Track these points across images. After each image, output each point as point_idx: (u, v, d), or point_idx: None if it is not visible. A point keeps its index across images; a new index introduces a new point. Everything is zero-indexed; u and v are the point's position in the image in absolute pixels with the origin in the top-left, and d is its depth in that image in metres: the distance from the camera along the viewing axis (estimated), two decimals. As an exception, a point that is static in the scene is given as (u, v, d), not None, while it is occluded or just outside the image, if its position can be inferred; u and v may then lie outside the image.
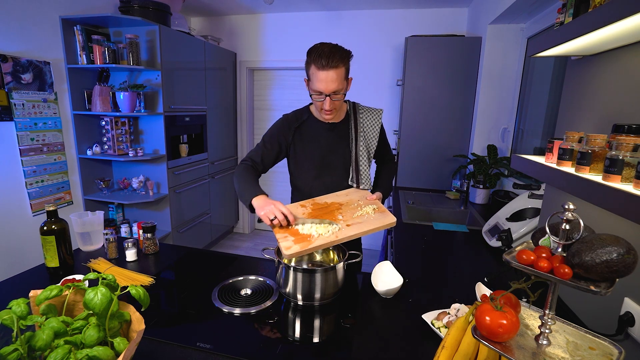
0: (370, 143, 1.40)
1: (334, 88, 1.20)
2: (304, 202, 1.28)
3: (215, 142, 3.50)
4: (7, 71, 2.08)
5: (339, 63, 1.18)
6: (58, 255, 1.20)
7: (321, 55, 1.17)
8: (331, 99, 1.23)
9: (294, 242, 1.04)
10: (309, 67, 1.23)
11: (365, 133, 1.40)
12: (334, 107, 1.27)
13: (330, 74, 1.18)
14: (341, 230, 1.10)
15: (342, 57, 1.19)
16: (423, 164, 2.93)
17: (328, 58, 1.16)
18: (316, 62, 1.18)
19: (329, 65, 1.17)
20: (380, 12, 3.33)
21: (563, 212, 0.61)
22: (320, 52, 1.18)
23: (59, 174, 2.48)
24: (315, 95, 1.25)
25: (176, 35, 2.76)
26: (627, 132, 0.78)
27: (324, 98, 1.23)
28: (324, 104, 1.24)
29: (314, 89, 1.23)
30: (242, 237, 4.07)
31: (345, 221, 1.15)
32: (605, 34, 0.80)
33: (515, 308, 0.68)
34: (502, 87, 2.63)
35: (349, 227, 1.12)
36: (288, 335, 0.95)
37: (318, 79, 1.20)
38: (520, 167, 1.16)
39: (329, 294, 1.08)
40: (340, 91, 1.23)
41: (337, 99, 1.24)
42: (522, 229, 1.48)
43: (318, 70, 1.18)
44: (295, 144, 1.39)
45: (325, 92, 1.21)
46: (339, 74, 1.19)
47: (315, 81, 1.21)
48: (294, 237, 1.07)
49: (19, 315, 0.64)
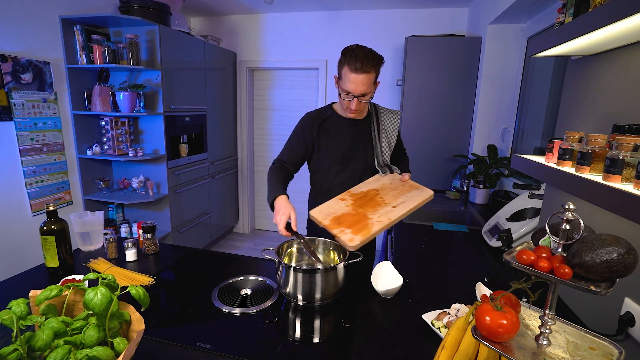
0: (391, 142, 1.47)
1: (362, 90, 1.27)
2: (342, 196, 1.29)
3: (215, 142, 3.50)
4: (7, 71, 2.08)
5: (371, 68, 1.24)
6: (58, 255, 1.20)
7: (356, 59, 1.23)
8: (359, 100, 1.29)
9: (352, 233, 1.06)
10: (342, 66, 1.28)
11: (387, 132, 1.47)
12: (360, 108, 1.34)
13: (362, 78, 1.24)
14: (390, 212, 1.15)
15: (374, 63, 1.25)
16: (423, 164, 2.93)
17: (362, 62, 1.22)
18: (350, 64, 1.24)
19: (362, 70, 1.23)
20: (380, 12, 3.33)
21: (563, 212, 0.61)
22: (355, 55, 1.23)
23: (59, 174, 2.48)
24: (344, 94, 1.31)
25: (176, 35, 2.76)
26: (627, 132, 0.78)
27: (352, 98, 1.29)
28: (351, 104, 1.31)
29: (344, 89, 1.29)
30: (242, 237, 4.07)
31: (390, 203, 1.20)
32: (605, 34, 0.80)
33: (515, 308, 0.68)
34: (502, 87, 2.63)
35: (395, 208, 1.17)
36: (288, 335, 0.95)
37: (349, 80, 1.26)
38: (520, 167, 1.16)
39: (330, 294, 1.08)
40: (368, 94, 1.30)
41: (364, 100, 1.31)
42: (522, 229, 1.48)
43: (350, 72, 1.24)
44: (320, 139, 1.43)
45: (354, 93, 1.27)
46: (369, 78, 1.26)
47: (346, 81, 1.27)
48: (350, 229, 1.08)
49: (19, 315, 0.64)
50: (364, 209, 1.19)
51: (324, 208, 1.21)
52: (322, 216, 1.16)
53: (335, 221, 1.13)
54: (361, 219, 1.13)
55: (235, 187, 4.03)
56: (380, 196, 1.25)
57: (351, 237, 1.04)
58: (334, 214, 1.16)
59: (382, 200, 1.23)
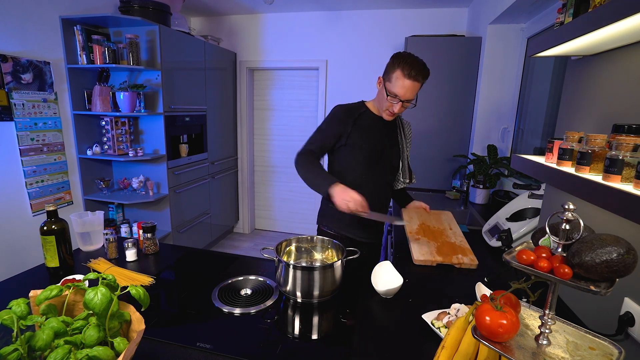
0: (409, 147, 1.60)
1: (410, 97, 1.32)
2: (415, 236, 1.52)
3: (215, 142, 3.50)
4: (7, 71, 2.08)
5: (423, 79, 1.31)
6: (58, 255, 1.20)
7: (413, 66, 1.27)
8: (402, 105, 1.34)
9: (463, 255, 1.37)
10: (393, 69, 1.31)
11: (407, 138, 1.58)
12: (401, 112, 1.39)
13: (414, 85, 1.29)
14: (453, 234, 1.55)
15: (426, 75, 1.32)
16: (423, 164, 2.93)
17: (418, 71, 1.28)
18: (405, 70, 1.28)
19: (416, 78, 1.28)
20: (380, 12, 3.33)
21: (563, 212, 0.61)
22: (412, 62, 1.28)
23: (59, 174, 2.48)
24: (390, 97, 1.33)
25: (176, 35, 2.76)
26: (627, 132, 0.78)
27: (397, 102, 1.33)
28: (394, 106, 1.35)
29: (392, 91, 1.32)
30: (242, 237, 4.07)
31: (445, 228, 1.62)
32: (605, 34, 0.80)
33: (515, 308, 0.68)
34: (502, 87, 2.63)
35: (451, 229, 1.61)
36: (288, 332, 0.95)
37: (401, 85, 1.29)
38: (520, 167, 1.16)
39: (328, 291, 1.09)
40: (411, 101, 1.36)
41: (407, 106, 1.37)
42: (522, 229, 1.48)
43: (404, 77, 1.28)
44: (353, 134, 1.43)
45: (402, 97, 1.31)
46: (418, 87, 1.32)
47: (396, 85, 1.30)
48: (459, 254, 1.37)
49: (19, 315, 0.64)
50: (440, 239, 1.50)
51: (423, 254, 1.39)
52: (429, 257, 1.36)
53: (445, 257, 1.36)
54: (451, 246, 1.44)
55: (235, 187, 4.03)
56: (433, 226, 1.62)
57: (469, 259, 1.34)
58: (434, 251, 1.40)
59: (437, 228, 1.59)
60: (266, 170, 4.10)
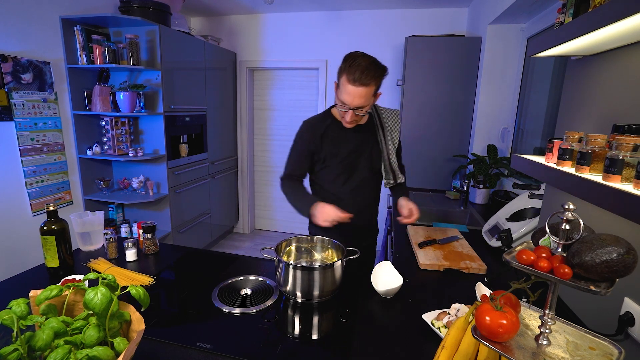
0: (395, 142, 1.44)
1: (359, 103, 1.20)
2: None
3: (215, 142, 3.50)
4: (7, 71, 2.08)
5: (371, 81, 1.17)
6: (58, 255, 1.20)
7: (356, 69, 1.15)
8: (354, 113, 1.23)
9: (471, 261, 1.36)
10: (341, 74, 1.21)
11: (391, 132, 1.43)
12: (355, 120, 1.28)
13: (359, 90, 1.17)
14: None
15: (375, 75, 1.18)
16: (423, 163, 2.93)
17: (362, 74, 1.15)
18: (349, 74, 1.16)
19: (360, 82, 1.15)
20: (380, 12, 3.33)
21: (563, 212, 0.61)
22: (356, 65, 1.15)
23: (59, 174, 2.48)
24: (339, 104, 1.25)
25: (176, 35, 2.76)
26: (627, 132, 0.78)
27: (347, 109, 1.23)
28: (345, 115, 1.25)
29: (340, 99, 1.23)
30: (242, 237, 4.07)
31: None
32: (605, 34, 0.80)
33: (515, 308, 0.68)
34: (502, 87, 2.63)
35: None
36: (288, 332, 0.95)
37: (346, 91, 1.19)
38: (520, 167, 1.16)
39: (328, 291, 1.09)
40: (365, 107, 1.23)
41: (360, 113, 1.25)
42: (522, 229, 1.48)
43: (348, 83, 1.17)
44: (324, 149, 1.38)
45: (350, 105, 1.21)
46: (368, 91, 1.18)
47: (343, 92, 1.21)
48: (467, 260, 1.38)
49: (19, 315, 0.64)
50: (446, 248, 1.50)
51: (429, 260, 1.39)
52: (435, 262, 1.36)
53: (452, 262, 1.36)
54: (457, 254, 1.44)
55: (235, 187, 4.04)
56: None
57: (477, 264, 1.33)
58: (440, 257, 1.40)
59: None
60: (266, 170, 4.10)
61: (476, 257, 1.40)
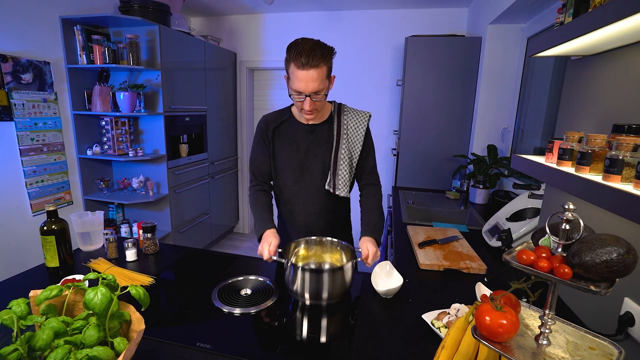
0: (353, 148, 1.32)
1: (314, 88, 1.14)
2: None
3: (215, 142, 3.50)
4: (7, 71, 2.08)
5: (320, 62, 1.11)
6: (58, 255, 1.20)
7: (301, 53, 1.10)
8: (311, 99, 1.16)
9: (471, 261, 1.37)
10: (288, 65, 1.15)
11: (349, 136, 1.31)
12: (315, 107, 1.20)
13: (311, 74, 1.11)
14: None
15: (323, 55, 1.12)
16: (423, 164, 2.93)
17: (308, 57, 1.09)
18: (296, 61, 1.11)
19: (309, 65, 1.09)
20: (380, 12, 3.33)
21: (563, 212, 0.61)
22: (300, 49, 1.10)
23: (59, 174, 2.48)
24: (295, 95, 1.18)
25: (176, 35, 2.76)
26: (627, 132, 0.78)
27: (303, 98, 1.16)
28: (304, 104, 1.17)
29: (294, 89, 1.17)
30: (242, 237, 4.07)
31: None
32: (605, 34, 0.80)
33: (515, 308, 0.68)
34: (502, 87, 2.63)
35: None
36: (288, 332, 0.95)
37: (298, 78, 1.13)
38: (520, 167, 1.16)
39: (336, 294, 1.07)
40: (322, 91, 1.17)
41: (318, 99, 1.18)
42: (522, 229, 1.48)
43: (297, 70, 1.11)
44: (275, 144, 1.33)
45: (305, 92, 1.14)
46: (320, 73, 1.12)
47: (294, 80, 1.14)
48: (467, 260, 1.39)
49: (19, 315, 0.64)
50: (446, 248, 1.50)
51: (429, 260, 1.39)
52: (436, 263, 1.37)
53: (452, 262, 1.36)
54: (457, 254, 1.44)
55: (235, 187, 4.03)
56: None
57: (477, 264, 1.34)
58: (440, 257, 1.41)
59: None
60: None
61: (476, 257, 1.40)
